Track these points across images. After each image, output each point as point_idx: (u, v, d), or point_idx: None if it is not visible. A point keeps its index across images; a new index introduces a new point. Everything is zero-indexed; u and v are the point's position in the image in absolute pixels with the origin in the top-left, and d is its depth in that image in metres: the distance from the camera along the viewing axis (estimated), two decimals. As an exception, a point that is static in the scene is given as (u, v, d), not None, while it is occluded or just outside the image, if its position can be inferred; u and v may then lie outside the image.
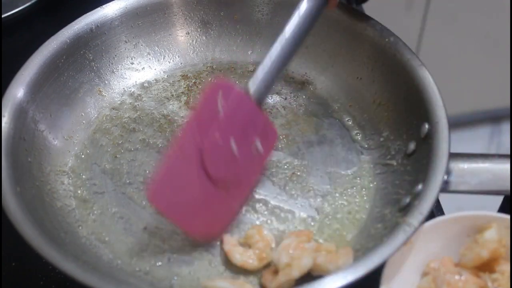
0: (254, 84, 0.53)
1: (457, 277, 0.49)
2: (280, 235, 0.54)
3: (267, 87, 0.53)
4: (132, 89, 0.66)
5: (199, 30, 0.69)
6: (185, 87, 0.66)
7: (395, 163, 0.57)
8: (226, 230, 0.53)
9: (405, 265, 0.49)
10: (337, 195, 0.57)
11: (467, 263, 0.50)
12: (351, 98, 0.64)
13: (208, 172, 0.49)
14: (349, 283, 0.44)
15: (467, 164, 0.51)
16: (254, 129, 0.51)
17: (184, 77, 0.68)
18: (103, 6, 0.64)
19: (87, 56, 0.63)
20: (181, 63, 0.69)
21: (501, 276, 0.49)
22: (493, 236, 0.49)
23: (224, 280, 0.48)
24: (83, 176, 0.58)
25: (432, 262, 0.50)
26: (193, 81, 0.67)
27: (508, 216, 0.50)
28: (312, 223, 0.54)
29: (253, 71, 0.67)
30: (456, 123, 1.56)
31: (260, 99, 0.53)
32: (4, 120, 0.54)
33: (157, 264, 0.52)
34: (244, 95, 0.52)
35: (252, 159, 0.51)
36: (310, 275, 0.49)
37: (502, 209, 0.63)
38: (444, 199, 0.61)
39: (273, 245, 0.51)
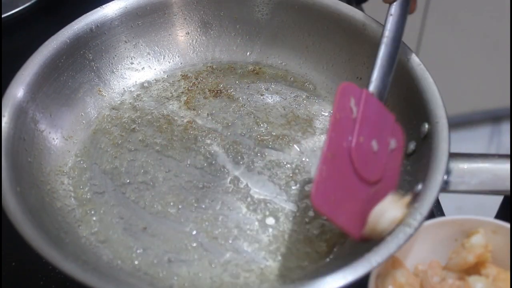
0: (373, 85, 0.54)
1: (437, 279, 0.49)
2: (280, 235, 0.54)
3: (385, 86, 0.54)
4: (132, 89, 0.66)
5: (199, 30, 0.69)
6: (185, 87, 0.66)
7: (395, 163, 0.57)
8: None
9: None
10: (337, 195, 0.57)
11: (454, 267, 0.50)
12: (351, 98, 0.64)
13: (361, 173, 0.49)
14: (349, 283, 0.44)
15: (467, 164, 0.51)
16: (387, 128, 0.52)
17: (184, 77, 0.68)
18: (103, 6, 0.64)
19: (87, 56, 0.63)
20: (181, 63, 0.69)
21: (486, 279, 0.49)
22: (480, 241, 0.50)
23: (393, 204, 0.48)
24: (83, 176, 0.58)
25: (420, 264, 0.51)
26: (193, 81, 0.67)
27: (495, 221, 0.51)
28: (313, 223, 0.55)
29: (253, 71, 0.68)
30: (456, 123, 1.56)
31: (381, 98, 0.54)
32: (4, 120, 0.54)
33: (157, 264, 0.52)
34: (372, 96, 0.53)
35: (390, 156, 0.52)
36: (307, 276, 0.49)
37: (501, 209, 0.63)
38: (444, 199, 0.61)
39: None
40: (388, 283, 0.48)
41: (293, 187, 0.57)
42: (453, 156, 0.51)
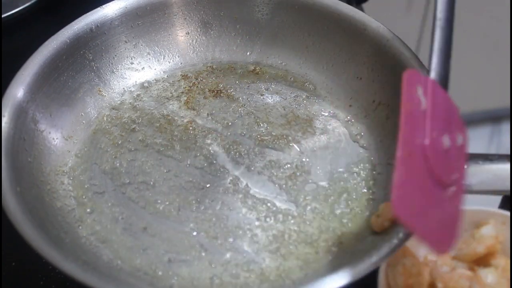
0: (434, 72, 0.50)
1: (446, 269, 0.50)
2: (280, 235, 0.54)
3: (446, 73, 0.50)
4: (132, 89, 0.66)
5: (199, 30, 0.69)
6: (185, 87, 0.66)
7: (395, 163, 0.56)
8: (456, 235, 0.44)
9: None
10: (337, 194, 0.57)
11: (463, 258, 0.51)
12: (351, 98, 0.64)
13: (436, 174, 0.43)
14: (349, 283, 0.44)
15: (467, 164, 0.51)
16: (454, 121, 0.47)
17: (184, 77, 0.68)
18: (103, 6, 0.64)
19: (87, 56, 0.63)
20: (181, 63, 0.69)
21: (495, 270, 0.50)
22: (490, 232, 0.50)
23: None
24: (83, 176, 0.58)
25: (429, 254, 0.51)
26: (193, 81, 0.67)
27: (506, 212, 0.51)
28: (313, 223, 0.55)
29: (253, 71, 0.68)
30: (456, 123, 1.56)
31: (445, 86, 0.49)
32: (4, 120, 0.54)
33: (157, 264, 0.52)
34: (438, 85, 0.47)
35: (458, 151, 0.47)
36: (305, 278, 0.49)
37: (503, 204, 0.63)
38: (444, 199, 0.61)
39: None
40: (398, 272, 0.49)
41: (293, 187, 0.57)
42: (453, 156, 0.51)
